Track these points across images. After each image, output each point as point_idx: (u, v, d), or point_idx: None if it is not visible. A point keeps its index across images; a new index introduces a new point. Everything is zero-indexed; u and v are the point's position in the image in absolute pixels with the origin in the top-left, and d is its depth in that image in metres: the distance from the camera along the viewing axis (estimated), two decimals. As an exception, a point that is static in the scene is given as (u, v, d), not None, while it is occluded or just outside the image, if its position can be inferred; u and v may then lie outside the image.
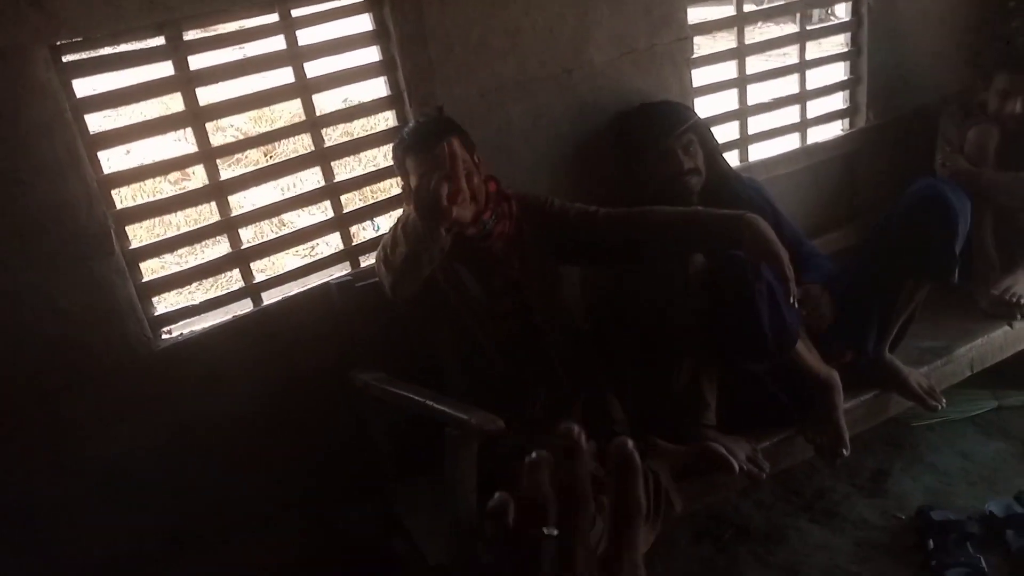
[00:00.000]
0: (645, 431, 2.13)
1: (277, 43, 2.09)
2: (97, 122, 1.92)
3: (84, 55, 1.85)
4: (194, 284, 2.13)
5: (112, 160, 1.96)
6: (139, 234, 2.02)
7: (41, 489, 1.97)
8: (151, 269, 2.04)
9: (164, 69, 1.95)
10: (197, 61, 1.98)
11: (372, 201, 2.35)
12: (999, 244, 2.78)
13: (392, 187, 2.39)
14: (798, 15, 2.87)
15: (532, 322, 2.07)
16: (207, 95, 2.01)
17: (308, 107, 2.15)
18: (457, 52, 2.25)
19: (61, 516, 2.00)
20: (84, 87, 1.87)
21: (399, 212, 2.30)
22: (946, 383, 2.56)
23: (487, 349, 2.05)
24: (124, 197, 2.01)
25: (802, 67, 2.91)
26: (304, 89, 2.12)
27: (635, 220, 2.06)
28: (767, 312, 2.06)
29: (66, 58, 1.82)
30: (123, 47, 1.93)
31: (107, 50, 1.88)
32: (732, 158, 2.77)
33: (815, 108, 3.00)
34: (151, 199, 2.08)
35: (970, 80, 3.03)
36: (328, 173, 2.21)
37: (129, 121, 1.96)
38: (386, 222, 2.39)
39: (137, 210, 2.02)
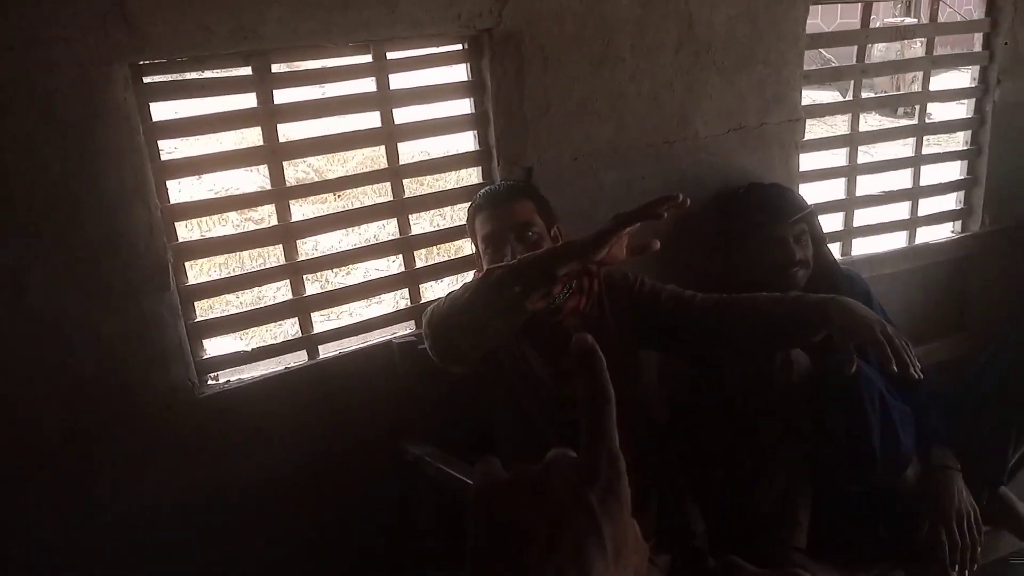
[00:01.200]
0: (725, 547, 1.90)
1: (366, 85, 1.97)
2: (169, 149, 1.80)
3: (166, 77, 1.74)
4: (248, 329, 1.97)
5: (181, 190, 1.81)
6: (196, 269, 1.89)
7: (59, 535, 1.81)
8: (205, 308, 1.89)
9: (246, 100, 1.84)
10: (282, 96, 1.86)
11: (446, 259, 2.18)
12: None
13: (467, 247, 2.23)
14: (917, 108, 2.67)
15: None
16: (287, 131, 1.89)
17: (392, 154, 2.01)
18: (554, 113, 2.10)
19: (77, 566, 1.84)
20: (161, 111, 1.76)
21: (470, 275, 2.16)
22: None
23: (548, 439, 1.84)
24: (187, 229, 1.85)
25: (917, 161, 2.71)
26: (390, 136, 1.99)
27: (729, 306, 1.86)
28: (878, 427, 1.84)
29: (147, 79, 1.72)
30: (207, 73, 1.82)
31: (190, 75, 1.77)
32: (834, 251, 2.56)
33: (927, 207, 2.79)
34: (214, 234, 1.94)
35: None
36: (404, 225, 2.06)
37: (203, 151, 1.83)
38: (454, 284, 2.23)
39: (200, 245, 1.89)
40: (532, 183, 1.93)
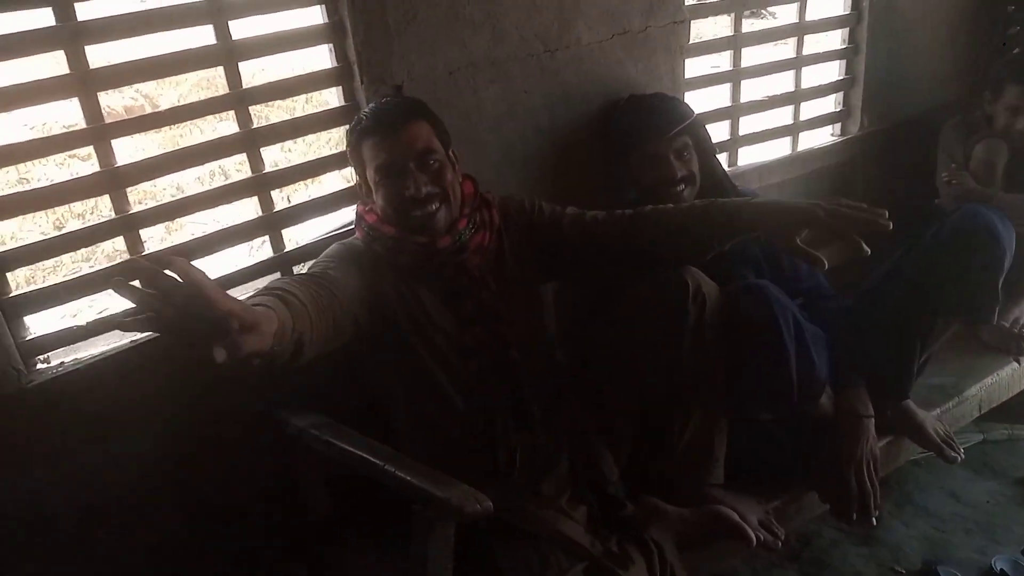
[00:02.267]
0: (642, 489, 1.78)
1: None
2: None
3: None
4: (81, 300, 1.64)
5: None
6: (6, 234, 1.53)
7: None
8: (22, 280, 1.54)
9: (43, 19, 1.47)
10: (86, 11, 1.50)
11: (311, 198, 1.89)
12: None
13: (339, 181, 1.95)
14: (798, 4, 2.55)
15: (508, 358, 1.67)
16: (100, 54, 1.54)
17: (233, 77, 1.70)
18: (422, 19, 1.83)
19: None
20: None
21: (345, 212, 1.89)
22: (956, 425, 2.31)
23: (449, 393, 1.65)
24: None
25: (798, 63, 2.61)
26: (229, 54, 1.67)
27: (635, 221, 1.71)
28: (794, 354, 1.74)
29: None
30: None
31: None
32: (721, 161, 2.44)
33: (808, 111, 2.70)
34: (27, 187, 1.58)
35: (973, 91, 2.80)
36: (257, 162, 1.76)
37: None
38: (326, 223, 1.95)
39: (7, 202, 1.52)
40: (421, 100, 1.68)
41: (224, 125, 4.26)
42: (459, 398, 1.65)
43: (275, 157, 1.84)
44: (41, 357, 1.61)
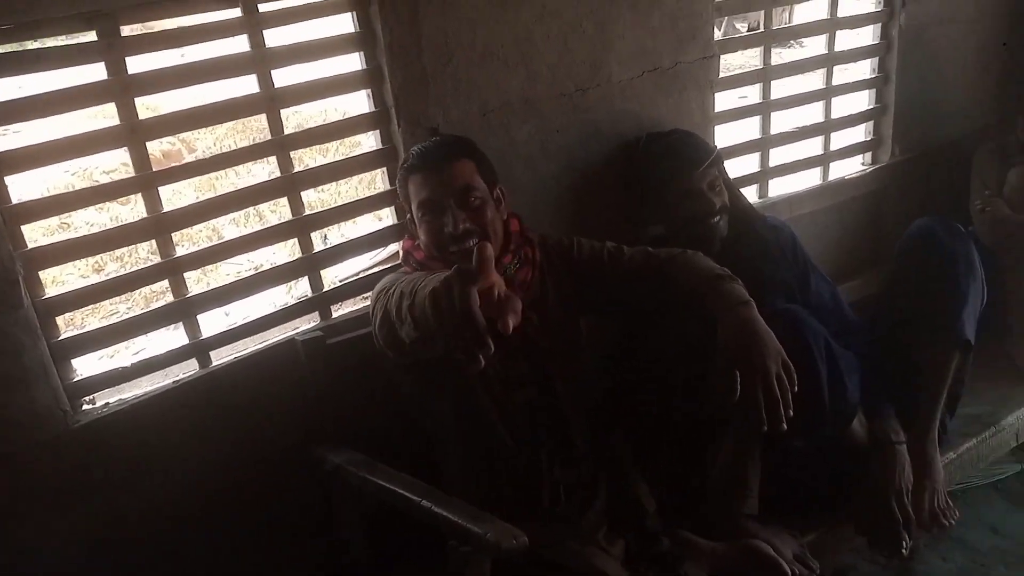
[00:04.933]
0: (675, 520, 1.79)
1: (238, 44, 1.68)
2: (5, 139, 1.48)
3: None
4: (124, 342, 1.69)
5: (22, 186, 1.50)
6: (54, 278, 1.58)
7: None
8: (70, 322, 1.59)
9: (95, 73, 1.53)
10: (136, 64, 1.56)
11: (347, 239, 1.93)
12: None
13: (372, 221, 2.00)
14: (826, 36, 2.56)
15: (551, 391, 1.70)
16: (148, 104, 1.59)
17: (275, 123, 1.75)
18: (457, 62, 1.87)
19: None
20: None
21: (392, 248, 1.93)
22: (992, 455, 2.28)
23: (495, 426, 1.67)
24: (37, 233, 1.55)
25: (828, 93, 2.61)
26: (272, 101, 1.72)
27: (667, 271, 1.74)
28: (826, 378, 1.75)
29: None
30: (47, 43, 1.50)
31: (26, 44, 1.46)
32: (751, 194, 2.45)
33: (839, 141, 2.71)
34: (71, 235, 1.63)
35: (1006, 117, 2.79)
36: (297, 205, 1.81)
37: (49, 137, 1.52)
38: (362, 262, 2.00)
39: (55, 249, 1.58)
40: (469, 139, 1.72)
41: (258, 168, 4.35)
42: (506, 433, 1.67)
43: (309, 198, 1.88)
44: (87, 398, 1.66)
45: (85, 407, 1.65)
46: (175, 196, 1.73)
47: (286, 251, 1.78)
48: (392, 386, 1.71)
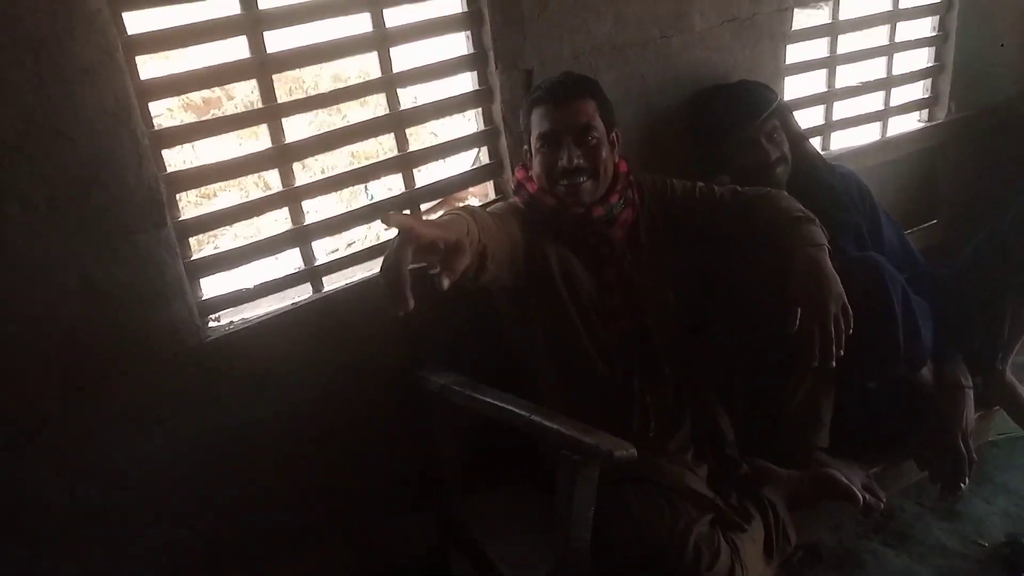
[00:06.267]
0: (751, 450, 1.90)
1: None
2: (148, 67, 1.58)
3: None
4: (247, 265, 1.80)
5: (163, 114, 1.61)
6: (186, 203, 1.70)
7: (68, 497, 1.67)
8: (199, 244, 1.71)
9: (228, 7, 1.63)
10: (265, 0, 1.66)
11: (448, 176, 2.04)
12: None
13: (467, 161, 2.09)
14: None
15: (643, 323, 1.80)
16: (274, 42, 1.69)
17: (385, 62, 1.84)
18: (552, 6, 1.96)
19: (86, 526, 1.70)
20: (136, 23, 1.53)
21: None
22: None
23: (590, 353, 1.78)
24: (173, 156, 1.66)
25: (891, 49, 2.68)
26: (383, 40, 1.81)
27: (750, 202, 1.85)
28: (902, 320, 1.84)
29: (117, -15, 1.49)
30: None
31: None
32: (816, 145, 2.52)
33: (898, 97, 2.78)
34: (202, 163, 1.74)
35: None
36: (402, 141, 1.91)
37: (184, 68, 1.62)
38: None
39: (193, 174, 1.69)
40: (595, 80, 1.80)
41: (355, 112, 4.50)
42: (600, 360, 1.77)
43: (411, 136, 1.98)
44: (213, 316, 1.78)
45: (212, 324, 1.77)
46: (294, 131, 1.82)
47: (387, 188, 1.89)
48: (493, 311, 1.82)
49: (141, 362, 1.66)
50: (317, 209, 1.99)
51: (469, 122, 2.02)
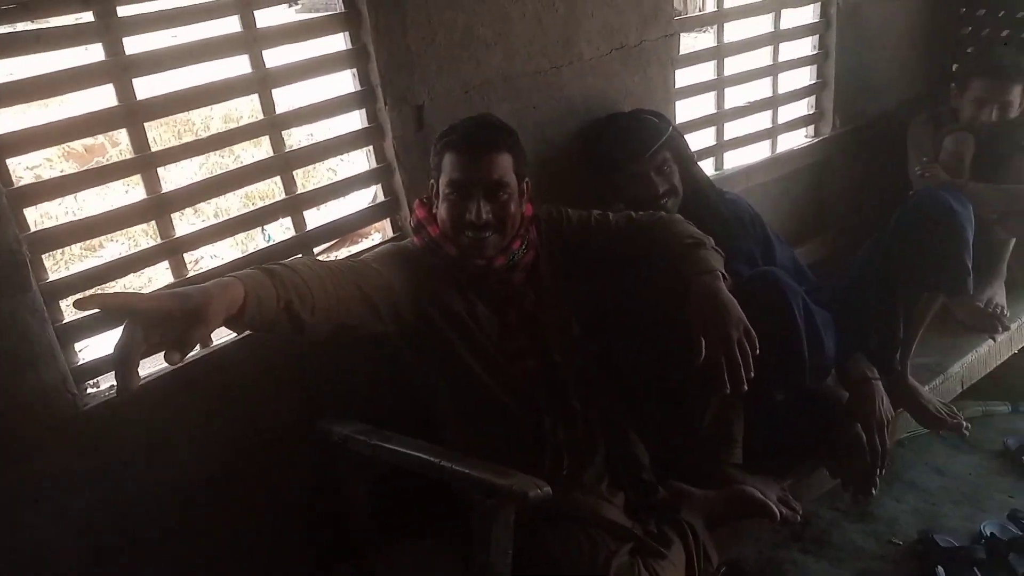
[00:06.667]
0: (663, 472, 1.89)
1: (228, 25, 1.70)
2: (5, 120, 1.47)
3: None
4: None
5: (21, 170, 1.50)
6: (52, 262, 1.58)
7: None
8: (70, 307, 1.60)
9: (93, 54, 1.53)
10: (133, 45, 1.57)
11: (342, 216, 1.97)
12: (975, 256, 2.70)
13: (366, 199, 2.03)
14: (772, 15, 2.69)
15: (549, 360, 1.77)
16: (143, 87, 1.60)
17: (267, 103, 1.77)
18: (440, 41, 1.92)
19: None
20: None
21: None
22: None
23: (494, 393, 1.73)
24: (38, 217, 1.55)
25: (775, 69, 2.76)
26: (263, 81, 1.74)
27: (645, 234, 1.84)
28: (805, 333, 1.87)
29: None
30: (41, 24, 1.49)
31: (20, 26, 1.45)
32: (707, 167, 2.57)
33: (785, 115, 2.85)
34: (70, 219, 1.62)
35: (935, 88, 2.98)
36: (290, 183, 1.83)
37: (46, 120, 1.51)
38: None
39: (59, 232, 1.56)
40: (513, 129, 1.75)
41: (250, 151, 4.40)
42: (508, 398, 1.73)
43: (298, 177, 1.91)
44: (91, 381, 1.66)
45: (90, 391, 1.64)
46: (169, 182, 1.73)
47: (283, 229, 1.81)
48: (384, 361, 1.76)
49: (16, 438, 1.53)
50: (214, 254, 1.89)
51: (367, 160, 1.96)
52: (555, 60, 2.13)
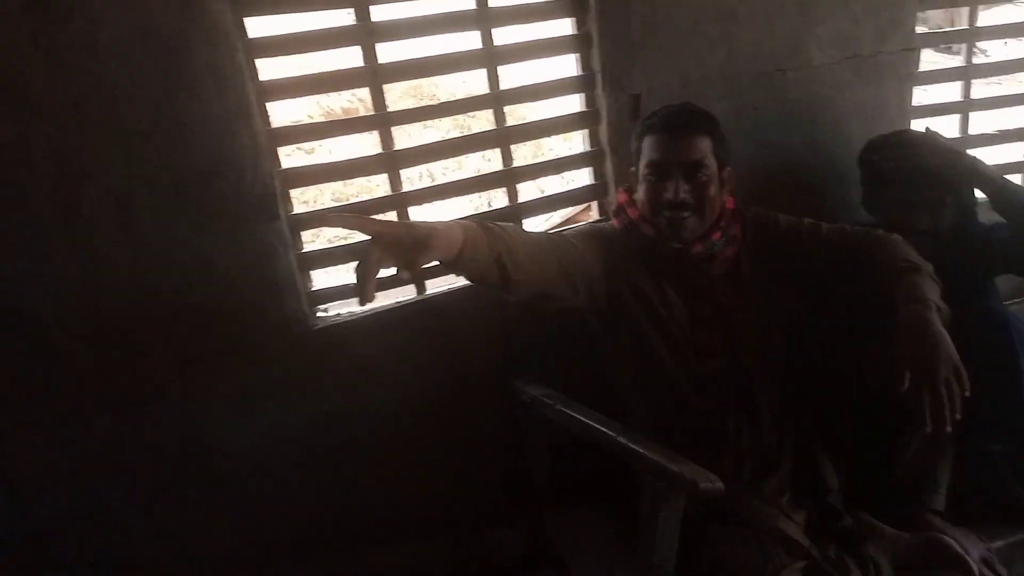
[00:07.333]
0: (860, 507, 1.75)
1: (465, 2, 1.86)
2: (268, 70, 1.71)
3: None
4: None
5: (278, 114, 1.74)
6: (297, 199, 1.84)
7: (174, 467, 1.80)
8: (309, 239, 1.84)
9: (343, 19, 1.75)
10: (379, 13, 1.76)
11: (549, 194, 2.08)
12: None
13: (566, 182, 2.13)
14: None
15: (739, 361, 1.73)
16: (386, 53, 1.79)
17: (493, 78, 1.91)
18: (663, 33, 1.97)
19: (189, 499, 1.82)
20: (257, 28, 1.67)
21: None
22: None
23: (680, 385, 1.72)
24: (288, 155, 1.79)
25: (1032, 98, 2.54)
26: (491, 58, 1.88)
27: (863, 251, 1.73)
28: None
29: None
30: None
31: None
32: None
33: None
34: (314, 162, 1.86)
35: None
36: (507, 156, 1.96)
37: (301, 72, 1.74)
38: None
39: (305, 171, 1.80)
40: (714, 116, 1.75)
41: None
42: (692, 393, 1.71)
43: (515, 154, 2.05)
44: (322, 307, 1.88)
45: (320, 315, 1.86)
46: (405, 138, 1.93)
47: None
48: (578, 335, 1.80)
49: (252, 343, 1.77)
50: (425, 215, 2.06)
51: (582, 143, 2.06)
52: (781, 63, 2.12)
